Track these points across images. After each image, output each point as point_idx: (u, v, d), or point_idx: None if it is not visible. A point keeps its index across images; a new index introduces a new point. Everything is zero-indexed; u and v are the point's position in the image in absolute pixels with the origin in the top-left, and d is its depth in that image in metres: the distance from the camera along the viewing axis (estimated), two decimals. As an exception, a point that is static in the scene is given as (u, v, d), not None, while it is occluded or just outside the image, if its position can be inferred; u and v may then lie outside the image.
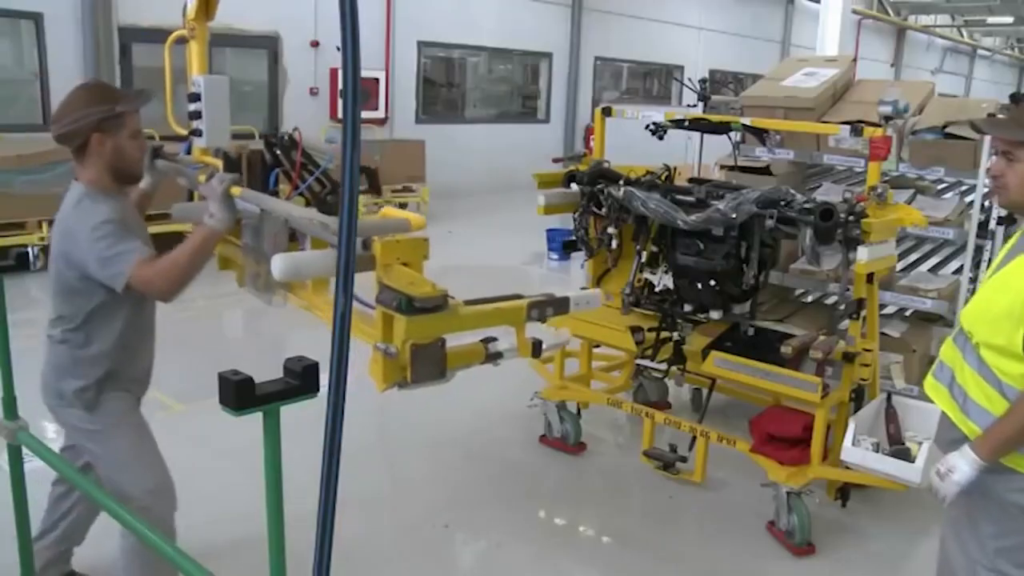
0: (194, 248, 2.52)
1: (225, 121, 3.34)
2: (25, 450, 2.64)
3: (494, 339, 2.68)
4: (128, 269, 2.39)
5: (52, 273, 2.59)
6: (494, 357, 2.68)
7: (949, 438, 2.38)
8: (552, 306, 2.69)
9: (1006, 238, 4.64)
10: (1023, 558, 2.27)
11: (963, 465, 2.23)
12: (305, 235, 2.69)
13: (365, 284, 2.32)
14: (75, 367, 2.61)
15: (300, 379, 1.59)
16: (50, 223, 7.54)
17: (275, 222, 2.58)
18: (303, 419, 2.17)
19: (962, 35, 27.71)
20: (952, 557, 2.46)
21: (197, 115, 3.33)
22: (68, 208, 2.53)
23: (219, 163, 3.01)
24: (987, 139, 4.34)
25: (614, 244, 4.13)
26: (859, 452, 3.17)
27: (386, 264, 2.30)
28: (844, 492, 3.92)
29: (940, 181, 5.30)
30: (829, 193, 4.88)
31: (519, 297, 2.68)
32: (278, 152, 3.09)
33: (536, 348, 2.73)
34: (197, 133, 3.36)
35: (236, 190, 2.62)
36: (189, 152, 3.52)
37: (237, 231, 3.00)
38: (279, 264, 2.36)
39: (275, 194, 3.03)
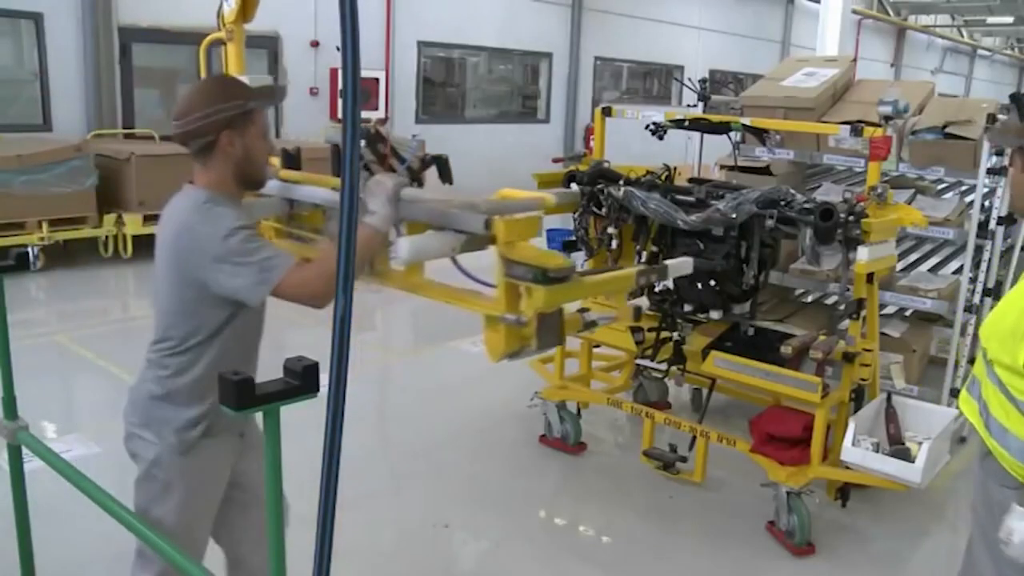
0: (359, 248, 2.22)
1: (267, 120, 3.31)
2: (25, 450, 2.64)
3: (586, 310, 2.98)
4: (277, 276, 2.14)
5: (160, 290, 2.28)
6: (590, 326, 2.98)
7: (980, 452, 2.36)
8: (655, 273, 2.99)
9: (1005, 238, 4.65)
10: None
11: (1019, 525, 2.15)
12: None
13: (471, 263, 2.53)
14: (179, 395, 2.32)
15: (300, 379, 1.59)
16: (50, 223, 7.64)
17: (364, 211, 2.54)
18: (303, 419, 2.17)
19: (962, 35, 27.71)
20: (979, 561, 2.45)
21: None
22: (183, 215, 2.23)
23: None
24: (987, 139, 4.34)
25: (614, 244, 4.12)
26: (859, 452, 3.17)
27: (508, 242, 2.45)
28: (844, 492, 3.92)
29: (940, 181, 5.30)
30: (829, 193, 4.88)
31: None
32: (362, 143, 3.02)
33: (636, 313, 3.07)
34: None
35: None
36: None
37: (283, 220, 3.09)
38: (406, 247, 2.50)
39: None
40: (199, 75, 3.58)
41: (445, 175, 3.02)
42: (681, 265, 3.09)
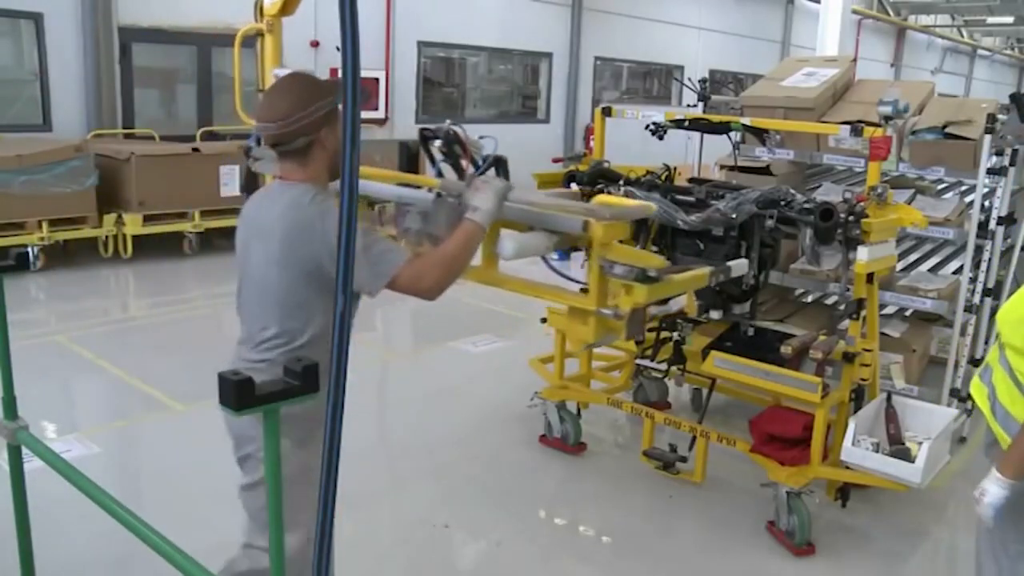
0: (463, 243, 2.37)
1: None
2: (25, 450, 2.64)
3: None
4: (395, 269, 2.22)
5: (269, 283, 2.30)
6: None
7: (987, 441, 2.40)
8: (721, 273, 3.16)
9: (1006, 238, 4.66)
10: None
11: (992, 487, 2.26)
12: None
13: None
14: None
15: (300, 379, 1.59)
16: (50, 223, 7.64)
17: (452, 209, 2.68)
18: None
19: (962, 35, 27.71)
20: (982, 560, 2.48)
21: None
22: (296, 211, 2.25)
23: None
24: (987, 139, 4.34)
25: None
26: (859, 452, 3.17)
27: (605, 243, 2.67)
28: (844, 492, 3.92)
29: (940, 181, 5.30)
30: (829, 193, 4.89)
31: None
32: (437, 143, 3.13)
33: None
34: None
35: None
36: (259, 143, 3.35)
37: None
38: (511, 245, 2.71)
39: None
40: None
41: (503, 175, 3.14)
42: (739, 266, 3.28)
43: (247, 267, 2.37)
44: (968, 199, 4.96)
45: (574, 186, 4.14)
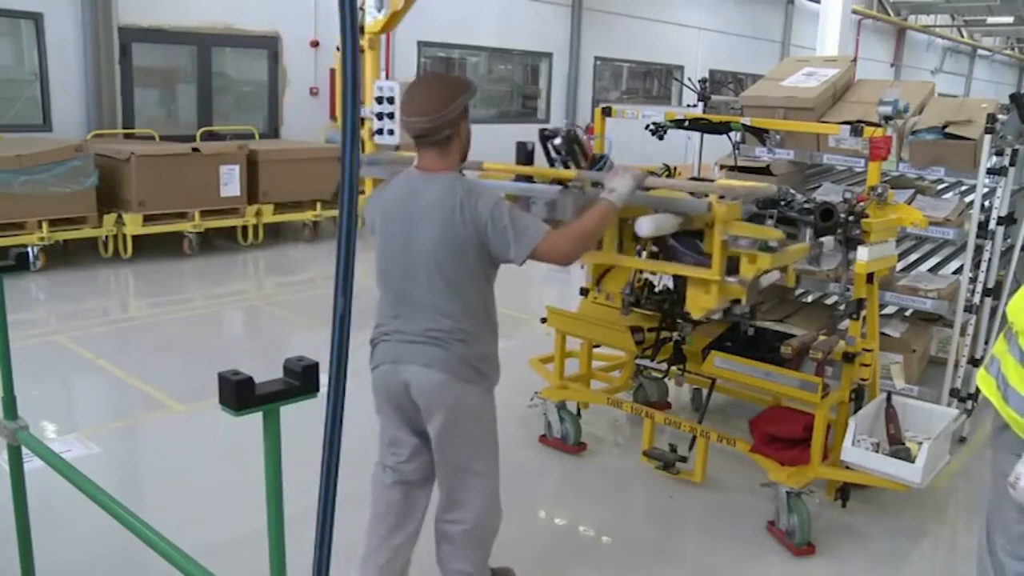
0: (597, 218, 2.72)
1: None
2: (25, 450, 2.64)
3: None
4: (537, 240, 2.56)
5: (439, 262, 2.61)
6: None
7: (996, 426, 2.44)
8: (817, 248, 3.33)
9: (1006, 238, 4.65)
10: None
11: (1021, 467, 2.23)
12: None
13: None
14: (483, 345, 2.75)
15: (300, 379, 1.59)
16: (50, 223, 7.64)
17: (577, 198, 3.06)
18: (303, 419, 2.17)
19: (962, 35, 27.71)
20: (988, 529, 2.51)
21: (389, 116, 3.77)
22: (452, 196, 2.57)
23: None
24: (987, 139, 4.34)
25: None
26: (859, 452, 3.17)
27: (727, 221, 2.97)
28: (844, 492, 3.92)
29: (940, 181, 5.30)
30: (829, 193, 4.89)
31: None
32: (556, 143, 3.49)
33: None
34: (385, 132, 3.81)
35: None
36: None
37: None
38: (648, 224, 3.01)
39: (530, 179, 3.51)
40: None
41: (586, 155, 3.54)
42: (828, 242, 3.41)
43: (404, 251, 2.67)
44: (968, 199, 4.95)
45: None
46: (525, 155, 3.61)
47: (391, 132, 3.79)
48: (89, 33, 9.45)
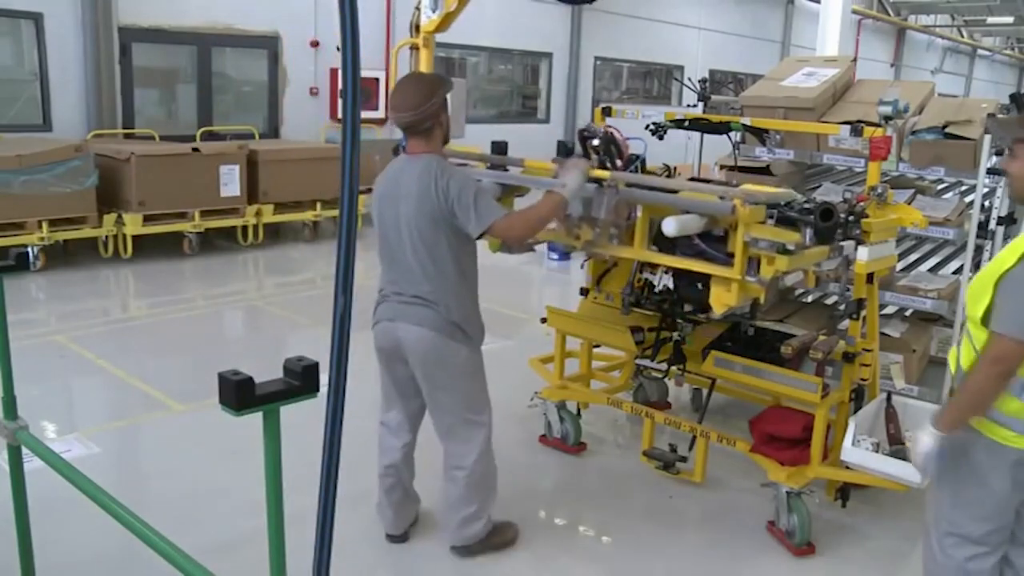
0: (548, 207, 3.07)
1: (463, 117, 4.31)
2: (25, 450, 2.64)
3: None
4: (494, 218, 2.97)
5: (421, 232, 3.02)
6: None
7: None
8: (837, 251, 3.38)
9: (1006, 238, 4.65)
10: (972, 509, 2.52)
11: (925, 437, 2.49)
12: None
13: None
14: (465, 309, 3.15)
15: (300, 379, 1.59)
16: (50, 223, 7.64)
17: (612, 196, 3.29)
18: (303, 419, 2.17)
19: (962, 35, 27.71)
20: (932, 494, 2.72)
21: None
22: (428, 175, 2.99)
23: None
24: (987, 139, 4.34)
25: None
26: (859, 452, 3.17)
27: (749, 223, 3.09)
28: (844, 492, 3.92)
29: (940, 181, 5.30)
30: (829, 193, 4.89)
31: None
32: (595, 143, 3.72)
33: None
34: None
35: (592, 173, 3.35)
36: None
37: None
38: (673, 224, 3.16)
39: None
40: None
41: (642, 170, 3.79)
42: (848, 246, 3.46)
43: (394, 223, 3.09)
44: (968, 199, 4.95)
45: None
46: (565, 153, 3.82)
47: None
48: (89, 33, 9.45)
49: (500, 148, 3.94)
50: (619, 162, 3.70)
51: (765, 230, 3.13)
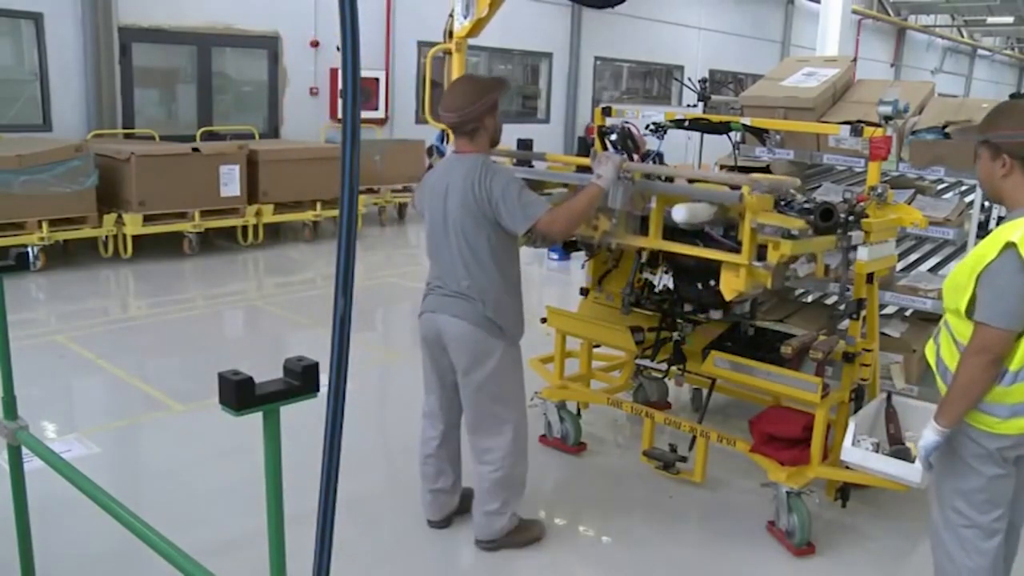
0: (588, 200, 3.17)
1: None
2: (25, 450, 2.64)
3: None
4: (539, 214, 3.06)
5: (465, 228, 3.13)
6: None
7: (939, 400, 2.61)
8: (845, 240, 3.43)
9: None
10: (977, 500, 2.56)
11: (928, 434, 2.56)
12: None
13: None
14: (504, 306, 3.23)
15: (300, 379, 1.59)
16: (50, 223, 7.64)
17: (628, 188, 3.37)
18: (303, 419, 2.17)
19: (962, 35, 27.71)
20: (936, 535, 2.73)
21: None
22: (474, 173, 3.10)
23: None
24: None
25: (614, 244, 4.12)
26: (859, 452, 3.17)
27: (757, 210, 3.19)
28: (844, 492, 3.92)
29: (940, 181, 5.30)
30: (829, 193, 4.88)
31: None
32: (612, 139, 3.88)
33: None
34: None
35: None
36: (442, 141, 4.59)
37: None
38: (683, 212, 3.31)
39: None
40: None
41: (638, 148, 3.93)
42: (857, 236, 3.51)
43: (441, 219, 3.19)
44: (968, 199, 4.95)
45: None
46: (585, 148, 4.01)
47: None
48: (89, 33, 9.45)
49: (526, 145, 4.15)
50: (636, 156, 3.87)
51: (772, 216, 3.22)
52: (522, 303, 3.35)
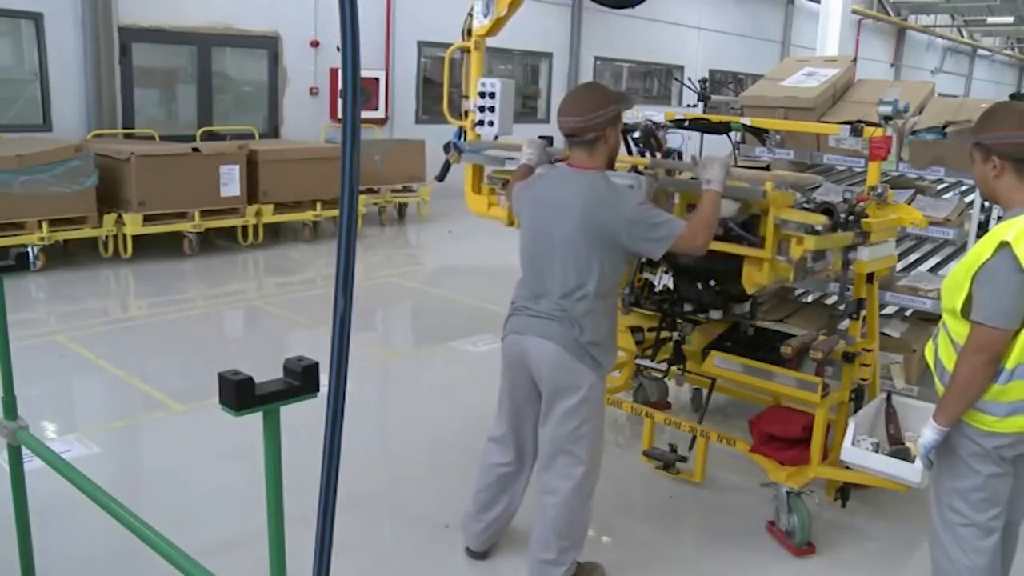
0: (713, 206, 2.98)
1: (511, 115, 4.36)
2: (25, 450, 2.64)
3: None
4: (677, 234, 2.84)
5: (574, 247, 2.89)
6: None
7: (936, 401, 2.63)
8: (861, 237, 3.47)
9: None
10: (975, 498, 2.58)
11: (928, 432, 2.59)
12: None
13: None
14: (599, 331, 3.00)
15: (300, 379, 1.59)
16: (50, 223, 7.64)
17: (651, 184, 3.33)
18: (303, 419, 2.17)
19: (962, 35, 27.71)
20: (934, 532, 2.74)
21: (491, 109, 4.25)
22: (595, 191, 2.88)
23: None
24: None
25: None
26: (859, 452, 3.17)
27: (780, 206, 3.21)
28: (844, 492, 3.92)
29: (940, 181, 5.30)
30: (829, 193, 4.88)
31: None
32: (635, 137, 3.86)
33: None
34: (486, 124, 4.27)
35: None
36: (460, 138, 4.37)
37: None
38: None
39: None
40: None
41: (660, 147, 3.92)
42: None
43: (547, 236, 2.96)
44: (968, 199, 4.95)
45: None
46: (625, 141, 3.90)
47: (491, 124, 4.25)
48: (89, 33, 9.45)
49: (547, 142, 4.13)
50: (658, 154, 3.84)
51: (794, 213, 3.24)
52: (616, 333, 3.15)
